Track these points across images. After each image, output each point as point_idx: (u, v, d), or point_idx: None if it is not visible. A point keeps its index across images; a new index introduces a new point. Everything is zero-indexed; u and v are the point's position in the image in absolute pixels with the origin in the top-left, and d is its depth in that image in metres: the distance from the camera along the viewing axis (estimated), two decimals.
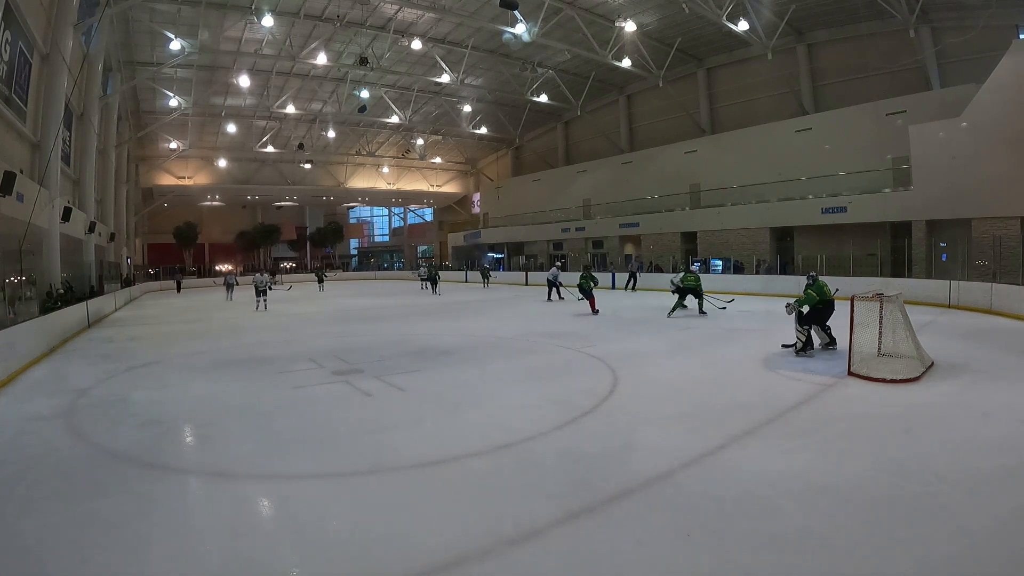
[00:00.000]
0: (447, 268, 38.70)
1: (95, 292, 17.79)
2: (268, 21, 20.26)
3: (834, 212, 20.39)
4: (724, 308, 13.82)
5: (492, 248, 39.85)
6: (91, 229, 19.88)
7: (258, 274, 19.55)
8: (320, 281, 30.57)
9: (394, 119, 32.66)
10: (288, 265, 45.75)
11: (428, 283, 25.18)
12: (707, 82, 28.27)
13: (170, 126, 31.61)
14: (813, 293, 8.04)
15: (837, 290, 8.74)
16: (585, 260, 29.06)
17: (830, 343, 8.45)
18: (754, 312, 13.87)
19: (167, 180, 36.73)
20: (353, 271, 47.22)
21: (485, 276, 29.04)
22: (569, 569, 2.88)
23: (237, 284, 23.82)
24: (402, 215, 52.43)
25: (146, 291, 30.88)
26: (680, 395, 6.35)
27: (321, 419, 5.66)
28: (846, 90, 22.70)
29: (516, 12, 19.64)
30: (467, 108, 33.39)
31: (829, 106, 23.16)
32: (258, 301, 18.14)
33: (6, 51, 12.24)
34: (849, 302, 7.23)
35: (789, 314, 8.33)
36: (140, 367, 8.60)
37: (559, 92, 30.46)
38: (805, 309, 8.11)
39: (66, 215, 15.96)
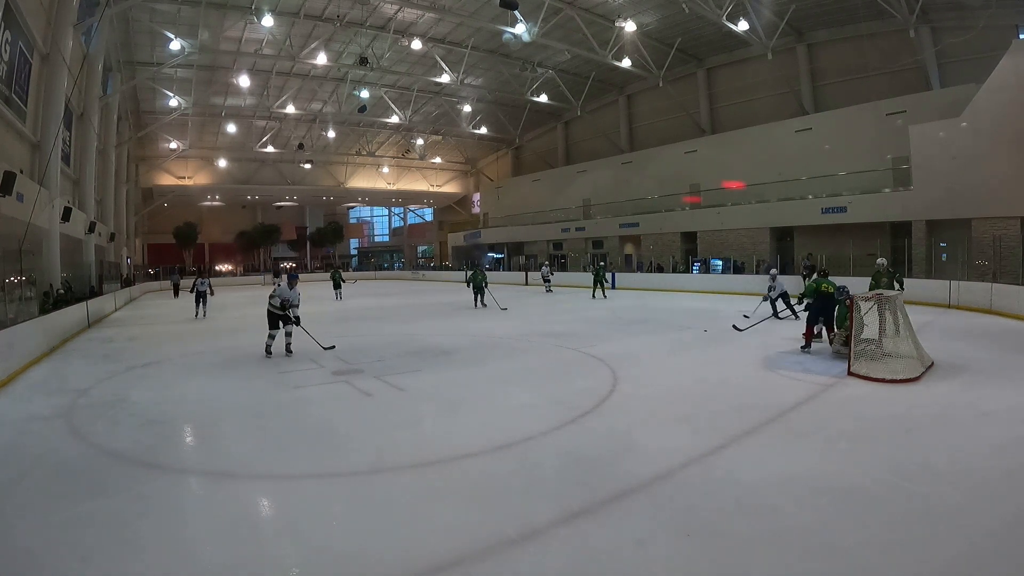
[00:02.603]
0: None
1: (95, 292, 17.79)
2: (268, 21, 20.26)
3: (834, 212, 20.39)
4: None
5: (492, 248, 39.86)
6: (91, 229, 19.88)
7: (278, 283, 10.25)
8: (336, 287, 22.47)
9: (394, 119, 32.66)
10: (288, 265, 45.70)
11: (476, 292, 17.32)
12: (707, 82, 28.27)
13: (170, 126, 31.62)
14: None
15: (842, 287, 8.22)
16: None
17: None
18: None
19: (167, 180, 36.74)
20: (353, 271, 47.20)
21: (599, 280, 19.96)
22: (569, 569, 2.88)
23: (212, 294, 16.89)
24: (402, 215, 52.44)
25: (146, 291, 30.86)
26: (680, 395, 6.34)
27: (321, 419, 5.65)
28: (846, 90, 22.69)
29: (516, 12, 19.64)
30: (467, 108, 33.39)
31: (829, 106, 23.16)
32: (272, 337, 9.17)
33: (6, 51, 12.24)
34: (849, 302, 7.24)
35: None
36: (140, 367, 8.60)
37: (559, 92, 30.46)
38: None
39: (66, 215, 15.96)
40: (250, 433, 5.27)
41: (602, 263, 23.08)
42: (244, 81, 26.12)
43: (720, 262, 23.81)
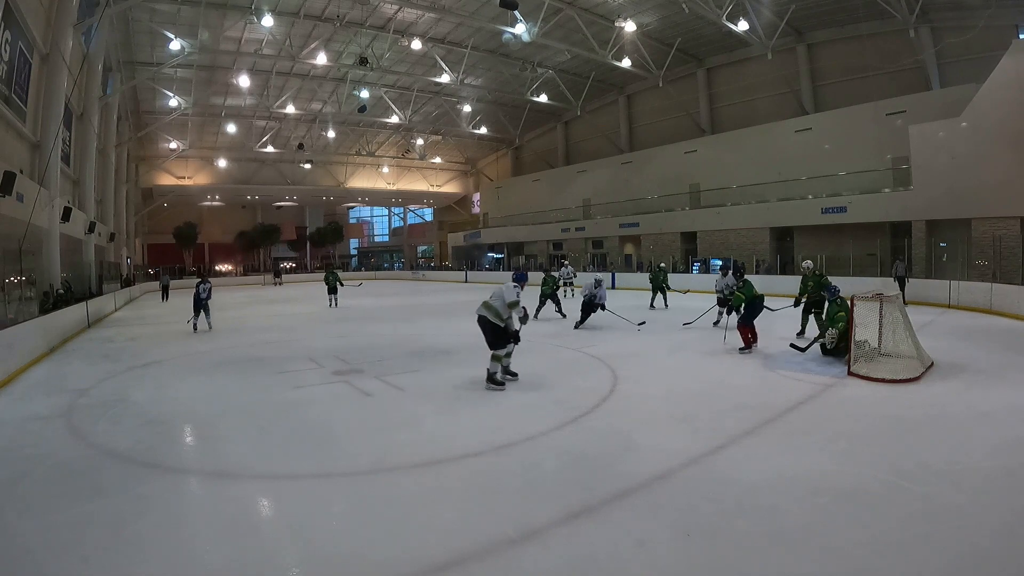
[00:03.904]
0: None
1: (94, 292, 17.78)
2: (268, 21, 20.26)
3: (834, 212, 20.40)
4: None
5: (492, 248, 39.88)
6: (91, 229, 19.88)
7: (516, 287, 6.65)
8: (332, 291, 18.65)
9: (394, 119, 32.67)
10: (288, 265, 45.69)
11: (552, 302, 14.09)
12: (707, 82, 28.28)
13: (170, 126, 31.62)
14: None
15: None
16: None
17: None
18: None
19: (167, 180, 36.75)
20: (352, 271, 47.17)
21: (660, 287, 15.56)
22: (569, 569, 2.88)
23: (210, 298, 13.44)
24: (402, 215, 52.43)
25: (146, 291, 30.85)
26: (680, 395, 6.34)
27: (321, 419, 5.65)
28: (846, 90, 22.71)
29: (516, 12, 19.64)
30: (467, 108, 33.39)
31: (829, 106, 23.18)
32: (497, 360, 6.73)
33: (6, 51, 12.24)
34: (849, 302, 7.24)
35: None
36: (140, 367, 8.60)
37: (559, 92, 30.46)
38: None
39: (66, 215, 15.96)
40: (250, 433, 5.26)
41: (662, 264, 17.60)
42: (244, 81, 26.12)
43: (720, 262, 23.80)
